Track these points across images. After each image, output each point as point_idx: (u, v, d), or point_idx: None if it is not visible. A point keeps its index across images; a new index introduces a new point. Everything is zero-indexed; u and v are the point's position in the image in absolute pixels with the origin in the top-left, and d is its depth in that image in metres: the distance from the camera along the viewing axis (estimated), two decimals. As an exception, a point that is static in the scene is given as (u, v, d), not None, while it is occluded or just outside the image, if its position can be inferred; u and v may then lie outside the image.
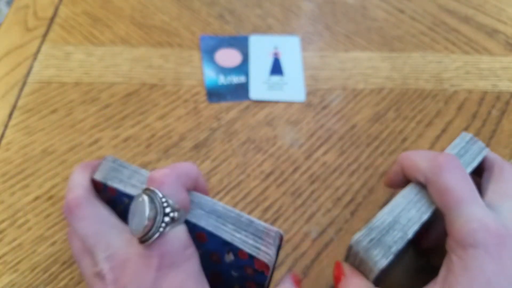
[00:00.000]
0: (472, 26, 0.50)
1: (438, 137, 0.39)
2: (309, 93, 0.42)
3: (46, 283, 0.29)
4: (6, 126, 0.38)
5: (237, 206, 0.34)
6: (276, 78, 0.43)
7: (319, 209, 0.34)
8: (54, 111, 0.39)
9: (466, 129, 0.40)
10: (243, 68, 0.44)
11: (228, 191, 0.35)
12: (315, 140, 0.38)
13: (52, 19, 0.47)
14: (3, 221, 0.32)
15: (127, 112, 0.39)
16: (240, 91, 0.42)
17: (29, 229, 0.32)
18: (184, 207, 0.23)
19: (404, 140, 0.39)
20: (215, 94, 0.41)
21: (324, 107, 0.41)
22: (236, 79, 0.43)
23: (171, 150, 0.37)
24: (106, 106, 0.40)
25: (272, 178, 0.36)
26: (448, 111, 0.41)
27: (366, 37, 0.48)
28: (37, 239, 0.31)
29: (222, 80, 0.43)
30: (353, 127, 0.40)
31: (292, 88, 0.42)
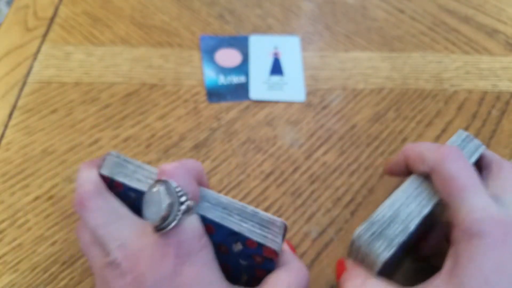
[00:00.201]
0: (472, 26, 0.50)
1: (438, 137, 0.39)
2: (309, 93, 0.42)
3: (46, 283, 0.29)
4: (6, 126, 0.38)
5: (237, 206, 0.34)
6: (276, 78, 0.43)
7: (319, 209, 0.34)
8: (54, 111, 0.39)
9: (466, 129, 0.40)
10: (243, 68, 0.44)
11: (228, 191, 0.35)
12: (315, 140, 0.38)
13: (52, 19, 0.47)
14: (3, 221, 0.32)
15: (127, 112, 0.40)
16: (240, 91, 0.42)
17: (29, 229, 0.32)
18: (195, 198, 0.23)
19: (404, 140, 0.39)
20: (215, 94, 0.41)
21: (324, 107, 0.41)
22: (236, 79, 0.43)
23: (171, 150, 0.37)
24: (106, 106, 0.40)
25: (272, 178, 0.36)
26: (448, 111, 0.41)
27: (366, 37, 0.48)
28: (37, 239, 0.31)
29: (222, 80, 0.43)
30: (353, 127, 0.40)
31: (292, 88, 0.42)
